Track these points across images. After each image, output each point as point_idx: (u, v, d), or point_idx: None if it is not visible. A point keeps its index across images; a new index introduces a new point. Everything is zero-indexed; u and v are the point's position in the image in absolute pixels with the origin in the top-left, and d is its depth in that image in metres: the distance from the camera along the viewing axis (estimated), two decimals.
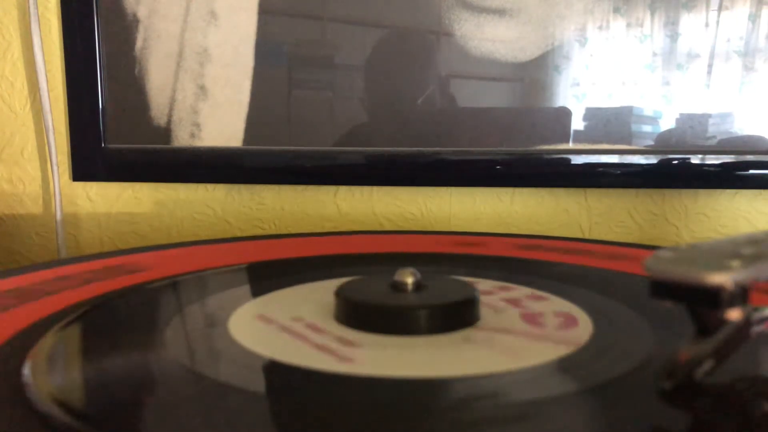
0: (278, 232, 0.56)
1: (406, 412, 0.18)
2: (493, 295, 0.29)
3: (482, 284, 0.31)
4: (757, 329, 0.19)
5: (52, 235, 0.57)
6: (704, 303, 0.17)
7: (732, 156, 0.50)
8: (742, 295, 0.17)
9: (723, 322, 0.18)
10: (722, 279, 0.17)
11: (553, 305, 0.28)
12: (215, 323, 0.26)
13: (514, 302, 0.28)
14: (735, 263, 0.17)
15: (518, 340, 0.23)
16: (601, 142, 0.51)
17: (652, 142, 0.50)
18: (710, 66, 0.49)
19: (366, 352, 0.22)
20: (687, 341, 0.18)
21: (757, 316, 0.19)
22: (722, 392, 0.19)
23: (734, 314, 0.17)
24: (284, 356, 0.22)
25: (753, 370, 0.21)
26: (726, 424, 0.17)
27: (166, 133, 0.54)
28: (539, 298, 0.29)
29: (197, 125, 0.53)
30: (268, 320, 0.26)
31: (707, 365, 0.18)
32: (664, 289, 0.17)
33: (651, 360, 0.21)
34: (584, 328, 0.25)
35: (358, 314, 0.25)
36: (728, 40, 0.49)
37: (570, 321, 0.26)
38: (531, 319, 0.26)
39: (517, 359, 0.22)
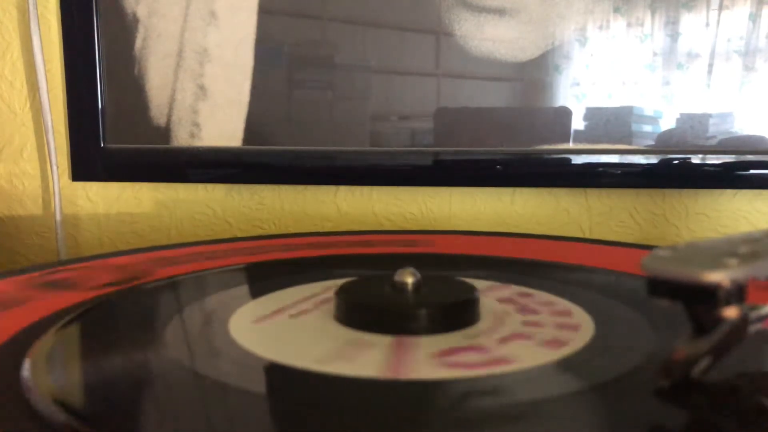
0: (278, 232, 0.56)
1: (406, 412, 0.18)
2: (492, 294, 0.29)
3: (480, 284, 0.31)
4: (754, 327, 0.19)
5: (51, 235, 0.57)
6: (701, 301, 0.17)
7: (732, 156, 0.50)
8: (738, 293, 0.17)
9: (720, 320, 0.18)
10: (719, 277, 0.17)
11: (552, 305, 0.28)
12: (215, 323, 0.26)
13: (513, 302, 0.28)
14: (732, 261, 0.17)
15: (518, 339, 0.23)
16: (601, 141, 0.51)
17: (652, 142, 0.50)
18: (710, 66, 0.49)
19: (366, 352, 0.22)
20: (684, 339, 0.18)
21: (754, 314, 0.19)
22: (719, 390, 0.19)
23: (731, 312, 0.17)
24: (284, 357, 0.22)
25: (750, 368, 0.21)
26: (723, 423, 0.17)
27: (165, 133, 0.54)
28: (538, 298, 0.29)
29: (197, 125, 0.54)
30: (267, 320, 0.26)
31: (704, 363, 0.18)
32: (662, 287, 0.17)
33: (650, 359, 0.21)
34: (584, 328, 0.25)
35: (358, 314, 0.25)
36: (728, 40, 0.49)
37: (570, 321, 0.26)
38: (531, 319, 0.26)
39: (516, 359, 0.22)
